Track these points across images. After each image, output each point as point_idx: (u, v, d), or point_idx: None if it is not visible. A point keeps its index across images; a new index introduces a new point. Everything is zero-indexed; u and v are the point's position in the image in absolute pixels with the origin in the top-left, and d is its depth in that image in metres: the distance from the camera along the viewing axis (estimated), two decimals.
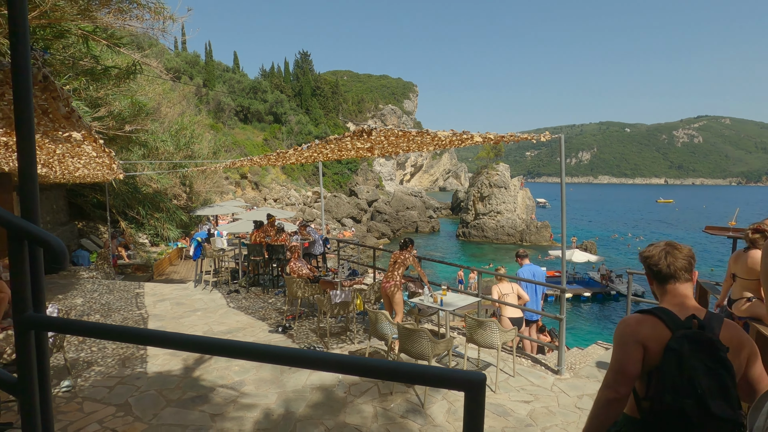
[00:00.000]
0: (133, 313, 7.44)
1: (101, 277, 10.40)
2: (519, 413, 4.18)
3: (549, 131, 4.80)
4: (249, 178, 44.03)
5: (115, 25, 8.69)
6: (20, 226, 1.17)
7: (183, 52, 63.40)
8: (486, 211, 48.05)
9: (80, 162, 5.27)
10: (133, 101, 12.29)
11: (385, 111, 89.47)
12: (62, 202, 14.17)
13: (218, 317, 7.24)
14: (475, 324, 4.69)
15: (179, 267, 15.42)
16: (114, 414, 4.00)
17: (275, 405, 4.25)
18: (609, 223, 67.48)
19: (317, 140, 4.03)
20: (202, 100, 51.25)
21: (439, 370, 0.96)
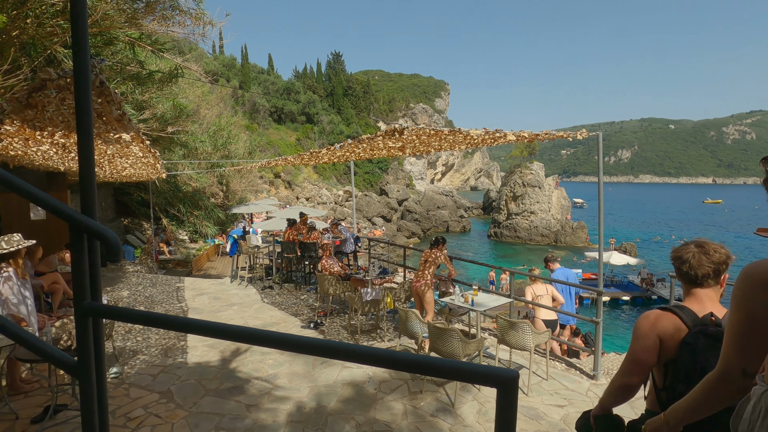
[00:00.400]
0: (174, 305, 7.80)
1: (145, 271, 10.95)
2: (552, 417, 4.09)
3: (588, 128, 4.64)
4: (282, 178, 45.04)
5: (159, 31, 9.14)
6: (81, 221, 1.27)
7: (221, 56, 65.62)
8: (519, 211, 47.01)
9: (127, 162, 5.59)
10: (174, 104, 12.88)
11: (416, 110, 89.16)
12: (110, 200, 15.02)
13: (253, 312, 7.47)
14: (507, 325, 4.62)
15: (216, 263, 16.00)
16: (157, 401, 4.22)
17: (307, 398, 4.36)
18: (651, 224, 64.43)
19: (350, 140, 4.09)
20: (239, 101, 52.85)
21: (471, 365, 0.97)
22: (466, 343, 4.30)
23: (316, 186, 48.77)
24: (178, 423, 3.84)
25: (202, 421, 3.87)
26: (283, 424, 3.89)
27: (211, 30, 9.77)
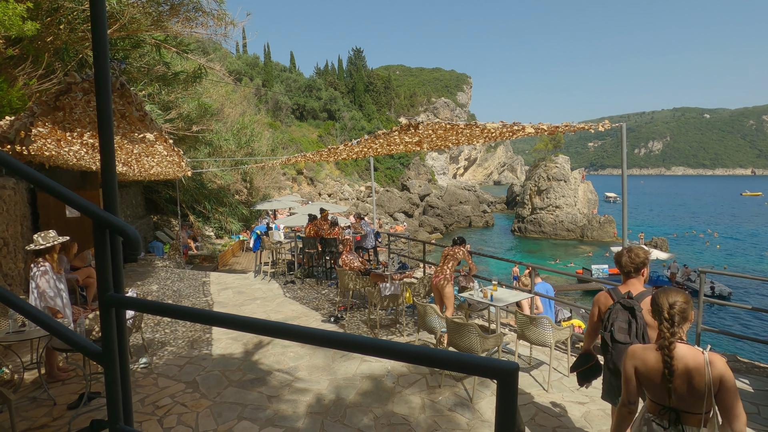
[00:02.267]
0: (200, 299, 8.05)
1: (173, 266, 11.33)
2: (573, 414, 4.03)
3: (616, 120, 4.49)
4: (305, 174, 45.57)
5: (183, 32, 9.37)
6: (103, 217, 1.34)
7: (244, 55, 66.74)
8: (544, 206, 46.05)
9: (154, 161, 5.79)
10: (200, 103, 13.22)
11: (438, 104, 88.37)
12: (140, 198, 15.59)
13: (275, 306, 7.63)
14: (527, 320, 4.57)
15: (241, 258, 16.39)
16: (184, 390, 4.39)
17: (326, 391, 4.44)
18: (685, 218, 61.95)
19: (366, 135, 4.11)
20: (262, 99, 53.71)
21: (471, 357, 0.98)
22: (484, 338, 4.28)
23: (338, 182, 49.13)
24: (203, 412, 3.98)
25: (225, 411, 4.00)
26: (303, 415, 3.98)
27: (233, 30, 9.94)
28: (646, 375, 2.06)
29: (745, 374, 4.77)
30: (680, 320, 2.02)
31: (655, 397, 2.09)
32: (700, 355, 1.96)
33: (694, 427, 1.98)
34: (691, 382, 1.94)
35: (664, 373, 1.99)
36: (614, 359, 2.77)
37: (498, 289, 5.56)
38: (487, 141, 5.16)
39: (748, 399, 4.24)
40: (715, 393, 1.91)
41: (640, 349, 2.15)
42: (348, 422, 3.87)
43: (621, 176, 4.65)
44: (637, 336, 2.68)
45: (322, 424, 3.83)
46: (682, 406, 1.99)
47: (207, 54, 34.42)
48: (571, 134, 76.15)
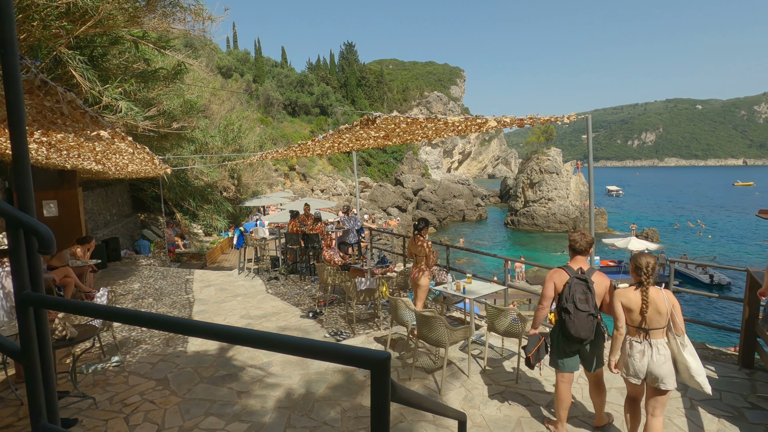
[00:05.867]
0: (182, 297, 8.04)
1: (158, 264, 11.30)
2: (539, 403, 4.07)
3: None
4: (297, 170, 45.43)
5: (160, 28, 9.28)
6: (16, 216, 1.34)
7: (234, 50, 66.18)
8: (536, 198, 46.25)
9: (125, 159, 5.75)
10: (185, 100, 13.11)
11: (431, 98, 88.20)
12: (126, 196, 15.48)
13: (256, 302, 7.64)
14: (495, 312, 4.61)
15: (229, 255, 16.36)
16: (154, 387, 4.40)
17: (297, 385, 4.46)
18: (677, 209, 62.43)
19: (331, 131, 4.10)
20: (253, 95, 53.33)
21: (347, 348, 1.00)
22: (452, 330, 4.31)
23: (331, 177, 49.03)
24: (171, 408, 3.99)
25: (194, 407, 4.02)
26: (270, 409, 4.00)
27: (212, 25, 9.84)
28: (629, 307, 3.05)
29: (712, 361, 4.84)
30: (652, 273, 3.01)
31: (633, 322, 3.06)
32: (661, 292, 3.02)
33: (657, 338, 3.01)
34: (657, 309, 2.97)
35: (642, 305, 2.98)
36: (576, 326, 3.25)
37: (472, 282, 5.59)
38: (454, 134, 5.16)
39: (712, 385, 4.30)
40: (670, 313, 2.97)
41: (624, 291, 3.09)
42: (315, 416, 3.90)
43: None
44: (593, 305, 3.27)
45: (289, 418, 3.85)
46: (650, 326, 3.00)
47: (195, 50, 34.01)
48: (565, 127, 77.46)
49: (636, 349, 3.04)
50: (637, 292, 3.01)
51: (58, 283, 6.67)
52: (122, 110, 8.74)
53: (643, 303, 2.96)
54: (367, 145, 6.02)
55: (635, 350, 3.04)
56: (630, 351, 3.07)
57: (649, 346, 3.00)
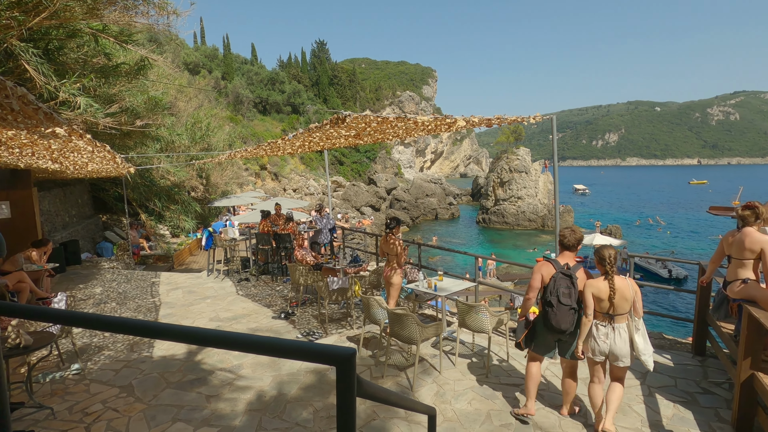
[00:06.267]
0: (147, 301, 7.76)
1: (121, 267, 10.86)
2: (508, 396, 4.18)
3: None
4: (268, 170, 44.66)
5: (122, 22, 8.92)
6: None
7: (202, 46, 64.31)
8: (506, 197, 47.31)
9: (84, 157, 5.50)
10: (149, 97, 12.63)
11: (403, 98, 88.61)
12: (86, 197, 14.79)
13: (226, 304, 7.48)
14: (466, 308, 4.69)
15: (199, 257, 15.90)
16: (117, 395, 4.24)
17: (269, 387, 4.40)
18: (640, 206, 65.32)
19: (301, 129, 4.06)
20: (222, 93, 52.01)
21: (312, 345, 1.00)
22: (424, 327, 4.36)
23: (303, 177, 48.47)
24: (136, 416, 3.86)
25: (160, 414, 3.90)
26: (241, 412, 3.93)
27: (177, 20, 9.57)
28: (599, 296, 3.34)
29: (668, 350, 5.11)
30: (615, 262, 3.34)
31: (601, 309, 3.37)
32: (626, 280, 3.34)
33: (620, 323, 3.35)
34: (623, 296, 3.29)
35: (610, 293, 3.28)
36: (558, 318, 3.46)
37: (443, 279, 5.67)
38: (424, 134, 5.22)
39: (668, 373, 4.55)
40: (633, 299, 3.30)
41: (593, 282, 3.39)
42: (287, 417, 3.86)
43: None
44: (575, 299, 3.48)
45: (260, 420, 3.80)
46: (616, 312, 3.33)
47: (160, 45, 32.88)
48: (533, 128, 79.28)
49: (601, 332, 3.37)
50: (605, 282, 3.31)
51: (12, 288, 6.31)
52: (81, 107, 8.34)
53: (611, 291, 3.27)
54: (339, 144, 6.00)
55: (600, 333, 3.38)
56: (596, 334, 3.40)
57: (612, 330, 3.34)
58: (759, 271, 3.61)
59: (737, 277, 3.63)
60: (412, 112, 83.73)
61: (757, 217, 3.51)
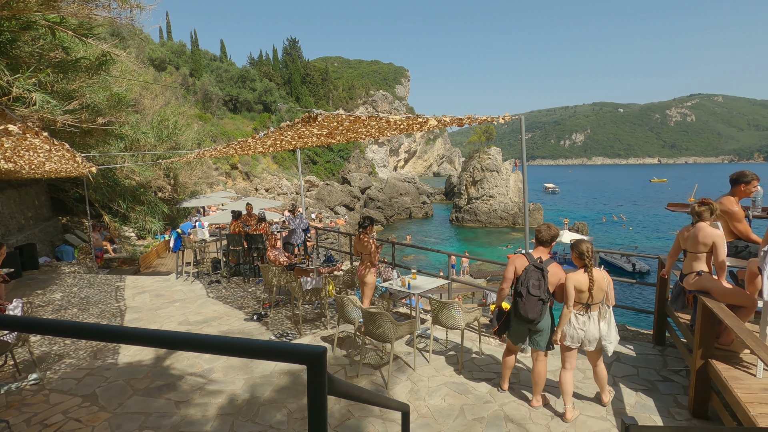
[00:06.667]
0: (111, 306, 7.46)
1: (83, 271, 10.38)
2: (480, 391, 4.27)
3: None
4: (239, 169, 43.72)
5: (81, 14, 8.54)
6: None
7: (168, 42, 62.25)
8: (478, 196, 48.12)
9: (40, 156, 5.22)
10: (112, 93, 12.11)
11: (377, 97, 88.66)
12: (44, 198, 14.05)
13: (196, 307, 7.28)
14: (439, 305, 4.75)
15: (166, 260, 15.40)
16: (79, 404, 4.06)
17: (241, 390, 4.32)
18: (605, 203, 67.86)
19: (272, 128, 4.01)
20: (190, 90, 50.50)
21: (283, 345, 0.99)
22: (398, 325, 4.39)
23: (276, 176, 47.73)
24: (100, 426, 3.71)
25: (126, 422, 3.76)
26: (212, 417, 3.84)
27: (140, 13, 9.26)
28: (579, 288, 3.56)
29: (631, 341, 5.33)
30: (593, 256, 3.60)
31: (580, 299, 3.60)
32: (601, 272, 3.60)
33: (595, 311, 3.61)
34: (600, 287, 3.53)
35: (590, 284, 3.52)
36: (526, 308, 3.69)
37: (417, 278, 5.72)
38: (397, 133, 5.25)
39: (630, 363, 4.76)
40: (607, 289, 3.59)
41: (574, 275, 3.59)
42: (260, 420, 3.80)
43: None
44: (544, 291, 3.66)
45: (233, 424, 3.73)
46: (593, 301, 3.57)
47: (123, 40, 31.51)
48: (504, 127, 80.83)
49: (579, 321, 3.62)
50: (585, 275, 3.55)
51: None
52: (37, 103, 7.92)
53: (590, 282, 3.51)
54: (311, 143, 5.94)
55: (579, 321, 3.62)
56: (575, 323, 3.64)
57: (588, 319, 3.60)
58: (712, 263, 3.83)
59: (692, 269, 3.84)
60: (386, 112, 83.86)
61: (712, 212, 3.72)
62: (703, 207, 3.72)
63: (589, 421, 3.71)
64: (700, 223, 3.73)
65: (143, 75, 20.39)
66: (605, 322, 3.58)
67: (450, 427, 3.68)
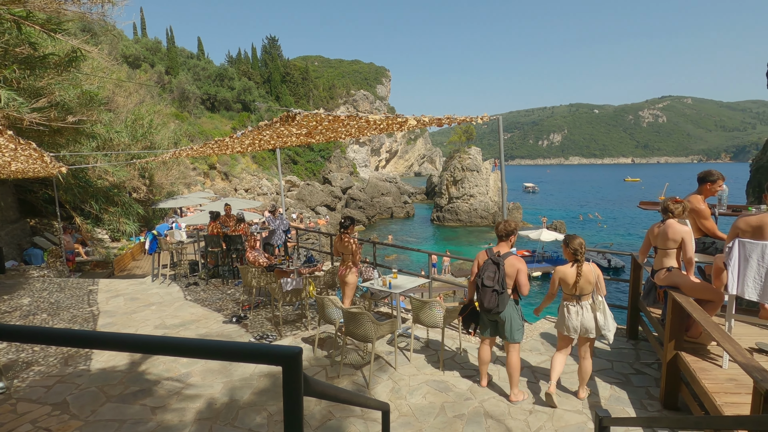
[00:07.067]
0: (84, 310, 7.22)
1: (53, 275, 10.01)
2: (460, 388, 4.31)
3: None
4: (218, 169, 42.96)
5: (49, 9, 8.25)
6: None
7: (143, 39, 60.65)
8: (459, 195, 48.60)
9: (6, 156, 5.01)
10: (83, 91, 11.71)
11: (357, 97, 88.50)
12: (10, 199, 13.48)
13: (173, 311, 7.11)
14: (419, 304, 4.78)
15: (142, 262, 15.00)
16: (49, 413, 3.91)
17: (219, 394, 4.25)
18: (580, 203, 69.50)
19: (249, 127, 3.95)
20: (165, 88, 49.31)
21: (257, 346, 0.98)
22: (379, 324, 4.39)
23: (256, 176, 47.09)
24: None
25: (99, 429, 3.64)
26: (190, 422, 3.76)
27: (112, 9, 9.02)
28: (565, 280, 3.83)
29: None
30: (584, 251, 3.78)
31: (569, 291, 3.86)
32: (590, 265, 3.80)
33: (586, 301, 3.83)
34: (587, 279, 3.76)
35: (577, 277, 3.76)
36: (481, 297, 3.97)
37: (398, 277, 5.74)
38: (376, 133, 5.26)
39: (605, 357, 4.89)
40: (596, 282, 3.79)
41: (561, 268, 3.88)
42: (239, 423, 3.74)
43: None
44: (498, 282, 3.86)
45: (211, 429, 3.66)
46: (582, 292, 3.81)
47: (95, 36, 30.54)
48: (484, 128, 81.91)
49: (572, 311, 3.87)
50: (573, 269, 3.80)
51: None
52: (1, 100, 7.61)
53: (577, 276, 3.75)
54: (290, 143, 5.88)
55: (572, 312, 3.87)
56: (567, 314, 3.89)
57: (580, 308, 3.84)
58: (681, 259, 3.97)
59: (662, 265, 3.97)
60: (367, 111, 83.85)
61: (684, 210, 3.87)
62: (678, 205, 3.86)
63: (566, 415, 3.79)
64: (670, 221, 3.87)
65: (116, 72, 19.81)
66: (600, 313, 3.80)
67: (431, 425, 3.71)
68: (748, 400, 2.80)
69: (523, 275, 3.89)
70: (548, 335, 5.60)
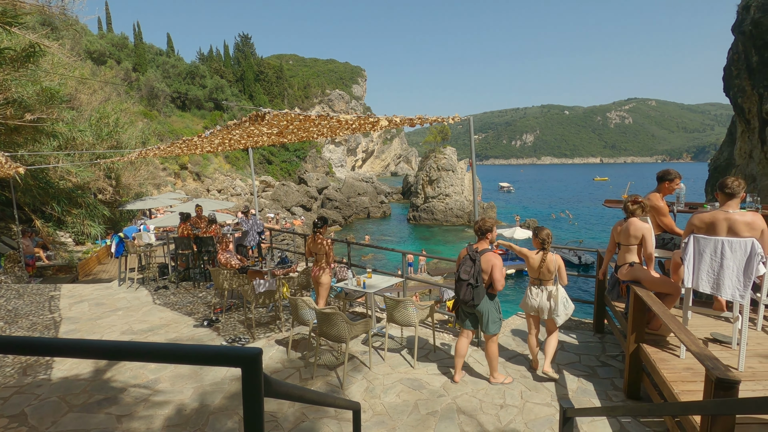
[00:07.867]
0: (44, 317, 6.90)
1: (11, 281, 9.53)
2: (434, 385, 4.36)
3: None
4: (189, 169, 41.85)
5: (3, 1, 7.86)
6: None
7: (108, 34, 58.45)
8: (435, 195, 49.03)
9: None
10: (43, 88, 11.17)
11: (333, 96, 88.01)
12: None
13: (141, 315, 6.89)
14: (393, 304, 4.80)
15: (108, 266, 14.46)
16: (6, 426, 3.72)
17: (189, 399, 4.15)
18: (552, 201, 71.38)
19: (218, 126, 3.88)
20: (133, 85, 47.66)
21: (216, 348, 0.96)
22: (352, 324, 4.39)
23: (229, 177, 46.13)
24: None
25: None
26: (158, 430, 3.66)
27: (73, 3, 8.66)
28: (531, 265, 4.29)
29: (574, 330, 5.66)
30: (550, 242, 4.28)
31: (534, 275, 4.35)
32: (553, 256, 4.26)
33: (547, 285, 4.33)
34: (548, 268, 4.24)
35: (541, 263, 4.24)
36: (457, 289, 4.25)
37: (372, 277, 5.75)
38: (349, 133, 5.25)
39: (573, 351, 5.04)
40: (558, 269, 4.25)
41: (531, 253, 4.33)
42: (210, 429, 3.67)
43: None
44: (473, 276, 4.11)
45: None
46: (543, 278, 4.30)
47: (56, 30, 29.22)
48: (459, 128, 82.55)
49: (534, 293, 4.39)
50: (538, 256, 4.29)
51: None
52: None
53: (541, 261, 4.25)
54: (262, 142, 5.80)
55: (533, 293, 4.39)
56: (529, 294, 4.41)
57: (541, 291, 4.34)
58: (642, 255, 4.14)
59: (625, 261, 4.13)
60: (342, 111, 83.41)
61: (642, 210, 4.04)
62: (635, 206, 4.02)
63: (536, 408, 3.89)
64: (632, 218, 4.03)
65: (79, 69, 19.01)
66: (553, 300, 4.29)
67: (404, 423, 3.74)
68: (702, 388, 2.95)
69: (497, 271, 4.11)
70: (519, 331, 5.73)
